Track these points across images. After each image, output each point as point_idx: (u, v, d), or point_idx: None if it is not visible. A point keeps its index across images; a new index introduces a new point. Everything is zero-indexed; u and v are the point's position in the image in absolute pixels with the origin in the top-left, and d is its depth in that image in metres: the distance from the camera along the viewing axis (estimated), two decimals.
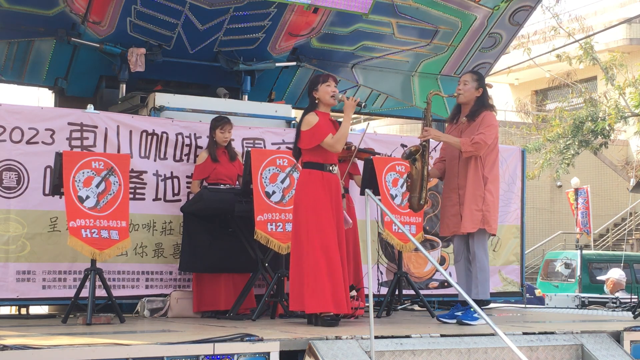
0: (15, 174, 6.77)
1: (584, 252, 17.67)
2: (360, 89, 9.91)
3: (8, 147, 6.76)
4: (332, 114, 6.26)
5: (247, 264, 6.93)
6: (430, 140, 6.43)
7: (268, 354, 4.55)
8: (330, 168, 6.05)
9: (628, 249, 23.72)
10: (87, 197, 6.21)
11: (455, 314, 6.31)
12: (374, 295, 6.32)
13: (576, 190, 21.51)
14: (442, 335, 5.14)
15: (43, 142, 6.87)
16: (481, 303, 6.18)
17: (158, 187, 7.30)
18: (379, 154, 7.86)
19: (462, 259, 6.40)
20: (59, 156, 6.26)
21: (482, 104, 6.43)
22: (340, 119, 6.14)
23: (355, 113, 6.21)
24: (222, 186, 6.99)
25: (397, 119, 16.75)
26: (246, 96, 9.05)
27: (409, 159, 6.34)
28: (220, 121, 7.22)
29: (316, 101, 6.09)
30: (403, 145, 8.14)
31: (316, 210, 5.91)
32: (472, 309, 6.00)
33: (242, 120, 7.86)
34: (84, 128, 7.04)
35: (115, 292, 6.76)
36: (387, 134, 13.34)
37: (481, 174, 6.34)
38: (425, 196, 6.35)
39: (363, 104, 6.14)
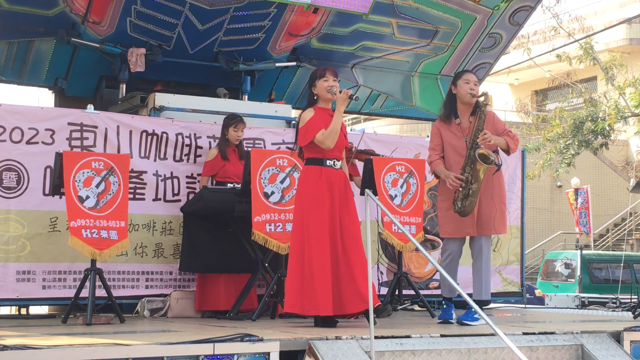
0: (15, 174, 6.77)
1: (584, 252, 17.70)
2: (360, 89, 9.92)
3: (8, 147, 6.75)
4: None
5: (247, 264, 6.93)
6: None
7: (268, 354, 4.54)
8: (331, 163, 5.89)
9: (628, 249, 23.74)
10: (87, 197, 6.21)
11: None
12: None
13: (576, 190, 21.52)
14: (442, 335, 5.14)
15: (43, 142, 6.87)
16: (481, 303, 6.17)
17: (158, 187, 7.30)
18: (378, 154, 7.84)
19: (451, 260, 6.34)
20: (59, 156, 6.26)
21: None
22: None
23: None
24: (229, 185, 6.99)
25: (397, 119, 16.75)
26: (246, 96, 9.05)
27: (489, 163, 6.09)
28: (234, 119, 7.24)
29: (315, 97, 5.97)
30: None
31: (309, 209, 5.79)
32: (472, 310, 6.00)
33: None
34: (84, 128, 7.04)
35: (115, 292, 6.76)
36: (387, 134, 13.35)
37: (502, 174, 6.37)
38: None
39: (355, 96, 6.00)
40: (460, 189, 6.16)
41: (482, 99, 6.30)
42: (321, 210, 5.79)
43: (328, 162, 5.89)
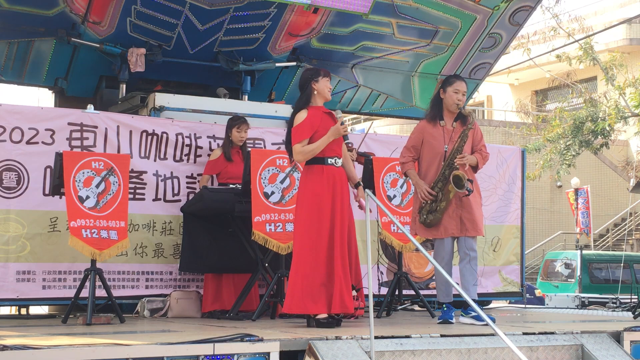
0: (15, 174, 6.77)
1: (584, 252, 17.68)
2: (360, 89, 9.92)
3: (8, 147, 6.76)
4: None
5: (247, 264, 6.93)
6: None
7: (268, 354, 4.55)
8: (332, 161, 5.86)
9: (628, 249, 23.73)
10: (87, 197, 6.21)
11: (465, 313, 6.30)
12: (374, 296, 6.31)
13: (576, 191, 21.51)
14: (442, 335, 5.14)
15: (43, 142, 6.87)
16: (481, 303, 6.16)
17: (158, 187, 7.30)
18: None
19: (446, 263, 6.34)
20: (59, 156, 6.26)
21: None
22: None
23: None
24: (231, 186, 6.99)
25: (397, 119, 16.74)
26: (246, 96, 9.06)
27: (460, 187, 6.11)
28: (237, 120, 7.25)
29: (315, 92, 5.92)
30: None
31: (313, 209, 5.77)
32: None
33: None
34: (84, 128, 7.04)
35: (115, 292, 6.76)
36: (387, 134, 13.35)
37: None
38: None
39: (349, 142, 6.12)
40: (429, 202, 6.20)
41: (469, 118, 6.31)
42: (324, 211, 5.77)
43: (329, 161, 5.88)
